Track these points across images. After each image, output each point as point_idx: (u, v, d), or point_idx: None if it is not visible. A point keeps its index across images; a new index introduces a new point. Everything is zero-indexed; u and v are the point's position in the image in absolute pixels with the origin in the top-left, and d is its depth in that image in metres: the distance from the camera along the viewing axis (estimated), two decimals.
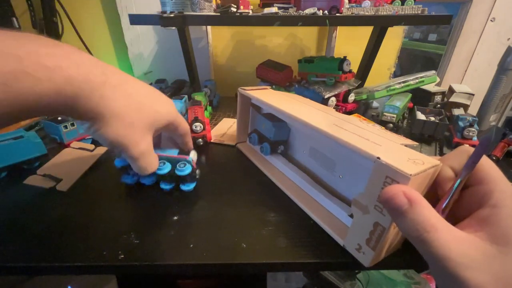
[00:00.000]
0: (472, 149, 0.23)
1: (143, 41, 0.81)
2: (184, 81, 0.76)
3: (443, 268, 0.19)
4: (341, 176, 0.35)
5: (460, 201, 0.23)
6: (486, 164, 0.22)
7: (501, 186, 0.21)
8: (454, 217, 0.22)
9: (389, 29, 0.63)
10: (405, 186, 0.21)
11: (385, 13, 0.55)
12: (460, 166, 0.23)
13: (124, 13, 0.77)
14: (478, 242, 0.19)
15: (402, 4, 0.56)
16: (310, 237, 0.31)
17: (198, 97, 0.59)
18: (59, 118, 0.48)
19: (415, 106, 0.60)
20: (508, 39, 0.83)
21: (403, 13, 0.55)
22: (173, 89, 0.70)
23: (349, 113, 0.65)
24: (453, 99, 0.65)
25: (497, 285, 0.17)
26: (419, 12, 0.55)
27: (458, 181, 0.22)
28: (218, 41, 0.84)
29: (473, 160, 0.21)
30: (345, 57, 0.61)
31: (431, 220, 0.19)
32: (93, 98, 0.25)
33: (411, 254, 0.27)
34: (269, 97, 0.42)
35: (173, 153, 0.38)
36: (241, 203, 0.36)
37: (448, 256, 0.18)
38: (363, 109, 0.70)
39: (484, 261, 0.18)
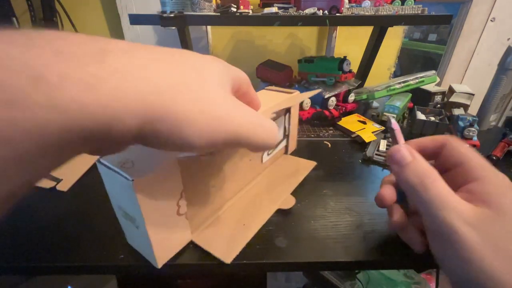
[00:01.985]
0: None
1: (143, 41, 0.81)
2: None
3: (440, 217, 0.20)
4: None
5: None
6: (451, 146, 0.24)
7: (475, 161, 0.23)
8: None
9: (389, 29, 0.63)
10: (408, 146, 0.24)
11: (385, 13, 0.55)
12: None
13: (124, 13, 0.77)
14: (472, 205, 0.20)
15: (402, 4, 0.56)
16: (310, 237, 0.31)
17: None
18: None
19: (415, 106, 0.60)
20: (508, 39, 0.83)
21: (403, 13, 0.55)
22: None
23: (349, 113, 0.65)
24: (453, 99, 0.65)
25: (485, 246, 0.18)
26: (419, 12, 0.55)
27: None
28: (218, 41, 0.84)
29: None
30: (345, 57, 0.61)
31: (434, 172, 0.21)
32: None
33: (411, 254, 0.27)
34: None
35: None
36: None
37: (446, 205, 0.20)
38: (363, 109, 0.70)
39: (477, 221, 0.19)
